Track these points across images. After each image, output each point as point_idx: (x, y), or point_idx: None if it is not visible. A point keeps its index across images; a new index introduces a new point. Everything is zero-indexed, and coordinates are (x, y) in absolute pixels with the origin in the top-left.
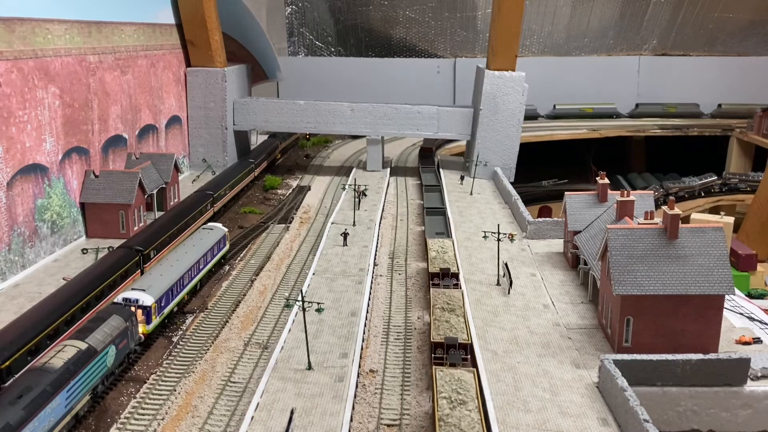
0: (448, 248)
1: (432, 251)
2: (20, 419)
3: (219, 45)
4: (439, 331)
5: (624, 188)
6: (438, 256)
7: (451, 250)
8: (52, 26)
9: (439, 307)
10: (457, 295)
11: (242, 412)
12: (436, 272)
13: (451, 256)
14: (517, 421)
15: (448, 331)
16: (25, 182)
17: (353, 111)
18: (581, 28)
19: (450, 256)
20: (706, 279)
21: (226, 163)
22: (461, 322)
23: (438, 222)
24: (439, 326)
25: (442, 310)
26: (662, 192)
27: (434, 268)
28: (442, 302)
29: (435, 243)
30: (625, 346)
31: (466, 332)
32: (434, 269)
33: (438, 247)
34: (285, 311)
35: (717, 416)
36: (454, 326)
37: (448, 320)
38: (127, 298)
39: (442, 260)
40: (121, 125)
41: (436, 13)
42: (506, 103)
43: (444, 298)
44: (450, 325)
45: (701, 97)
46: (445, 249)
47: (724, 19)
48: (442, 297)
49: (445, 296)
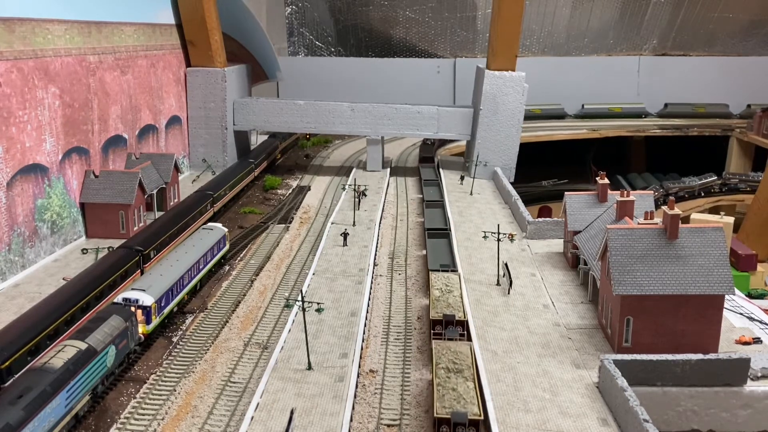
0: (453, 286)
1: (435, 289)
2: (20, 419)
3: (219, 45)
4: (444, 402)
5: (624, 188)
6: (441, 296)
7: (458, 289)
8: (52, 26)
9: (443, 366)
10: (465, 350)
11: (242, 412)
12: (439, 319)
13: (457, 297)
14: (517, 421)
15: (455, 403)
16: (25, 182)
17: (353, 111)
18: (581, 28)
19: (456, 298)
20: (706, 279)
21: (226, 163)
22: (471, 389)
23: (441, 248)
24: (444, 395)
25: (447, 371)
26: (662, 192)
27: (437, 314)
28: (447, 360)
29: (438, 278)
30: (625, 346)
31: (477, 405)
32: (437, 315)
33: (442, 285)
34: (285, 311)
35: (717, 416)
36: (462, 396)
37: (454, 387)
38: (127, 298)
39: (446, 303)
40: (121, 125)
41: (436, 13)
42: (506, 103)
43: (449, 356)
44: (457, 394)
45: (730, 97)
46: (450, 287)
47: (724, 19)
48: (447, 353)
49: (450, 352)
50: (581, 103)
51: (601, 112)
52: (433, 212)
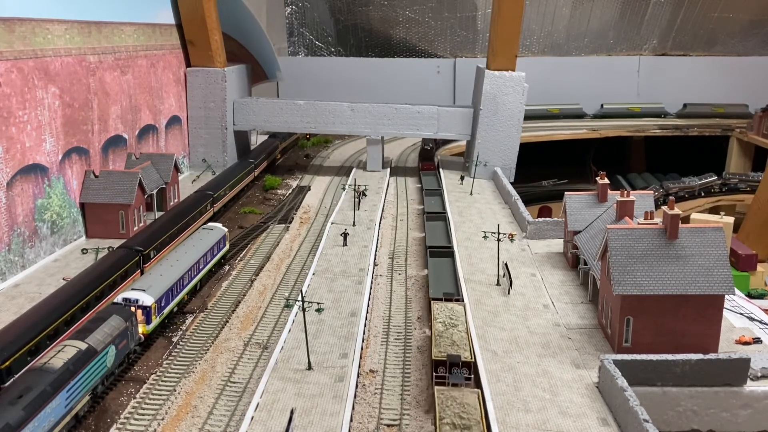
0: (458, 319)
1: (438, 322)
2: (20, 419)
3: (219, 45)
4: None
5: (624, 188)
6: (445, 331)
7: (463, 323)
8: (52, 26)
9: (448, 422)
10: (473, 401)
11: (242, 412)
12: (442, 360)
13: (462, 332)
14: (517, 421)
15: None
16: (25, 182)
17: (353, 111)
18: (581, 28)
19: (461, 333)
20: (706, 279)
21: (226, 163)
22: None
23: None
24: None
25: (453, 428)
26: (662, 192)
27: (439, 354)
28: (452, 414)
29: (442, 310)
30: (625, 346)
31: None
32: (440, 355)
33: (445, 317)
34: (285, 311)
35: (717, 416)
36: None
37: None
38: (127, 298)
39: (450, 340)
40: (121, 125)
41: (436, 13)
42: (506, 103)
43: (454, 408)
44: None
45: (749, 98)
46: (454, 320)
47: (724, 19)
48: (452, 405)
49: (456, 404)
50: (600, 103)
51: (621, 112)
52: (435, 226)
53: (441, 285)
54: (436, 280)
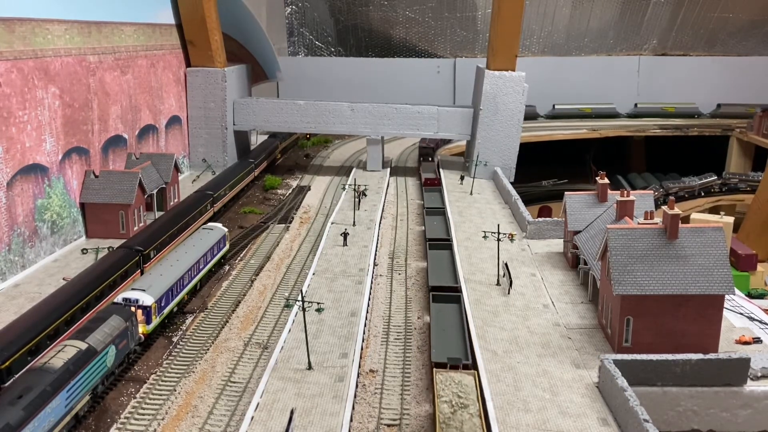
0: (469, 396)
1: (442, 402)
2: (20, 419)
3: (219, 45)
4: None
5: (624, 188)
6: (453, 417)
7: (475, 402)
8: (52, 26)
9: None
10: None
11: (242, 412)
12: None
13: (474, 415)
14: (517, 421)
15: None
16: (25, 182)
17: (353, 111)
18: (581, 28)
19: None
20: (706, 279)
21: (226, 163)
22: None
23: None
24: None
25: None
26: (662, 192)
27: None
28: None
29: (447, 384)
30: (625, 346)
31: None
32: None
33: (452, 394)
34: (285, 311)
35: (717, 416)
36: None
37: None
38: (127, 298)
39: (458, 424)
40: (121, 125)
41: (436, 13)
42: (506, 103)
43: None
44: None
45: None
46: (464, 398)
47: (724, 19)
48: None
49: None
50: (634, 102)
51: (654, 111)
52: (440, 256)
53: (446, 342)
54: (440, 337)
